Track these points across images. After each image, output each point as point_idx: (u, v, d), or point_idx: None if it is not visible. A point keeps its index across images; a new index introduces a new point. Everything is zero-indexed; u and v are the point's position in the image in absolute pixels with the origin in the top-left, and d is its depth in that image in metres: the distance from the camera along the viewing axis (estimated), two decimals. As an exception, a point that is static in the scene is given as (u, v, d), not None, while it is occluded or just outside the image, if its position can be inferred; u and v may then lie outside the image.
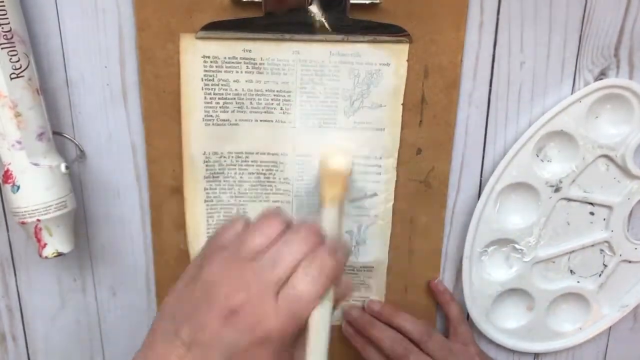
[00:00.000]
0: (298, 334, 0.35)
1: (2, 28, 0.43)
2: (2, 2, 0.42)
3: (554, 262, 0.56)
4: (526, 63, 0.50)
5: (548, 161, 0.52)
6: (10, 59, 0.44)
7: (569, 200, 0.53)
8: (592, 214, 0.54)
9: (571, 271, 0.56)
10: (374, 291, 0.56)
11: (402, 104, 0.50)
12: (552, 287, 0.56)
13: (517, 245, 0.54)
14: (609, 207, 0.54)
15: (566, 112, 0.50)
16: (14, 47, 0.44)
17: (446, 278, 0.57)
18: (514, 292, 0.56)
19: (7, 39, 0.43)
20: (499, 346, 0.59)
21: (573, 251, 0.55)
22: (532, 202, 0.53)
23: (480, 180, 0.54)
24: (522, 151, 0.51)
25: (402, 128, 0.51)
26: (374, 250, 0.55)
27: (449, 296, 0.56)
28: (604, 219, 0.54)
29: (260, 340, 0.33)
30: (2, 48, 0.43)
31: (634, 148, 0.51)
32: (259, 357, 0.33)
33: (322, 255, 0.35)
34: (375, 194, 0.53)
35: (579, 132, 0.50)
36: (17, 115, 0.44)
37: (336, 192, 0.44)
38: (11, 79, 0.44)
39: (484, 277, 0.55)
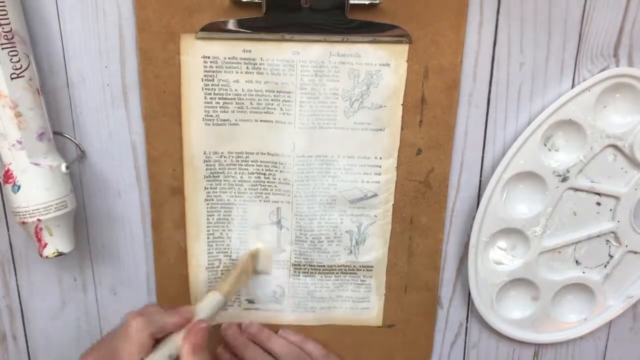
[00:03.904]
0: None
1: (3, 28, 0.43)
2: (3, 2, 0.43)
3: (559, 252, 0.56)
4: (525, 63, 0.50)
5: (556, 150, 0.52)
6: (11, 59, 0.44)
7: (576, 190, 0.53)
8: (598, 204, 0.54)
9: (577, 262, 0.56)
10: (374, 291, 0.57)
11: (402, 105, 0.50)
12: (557, 278, 0.56)
13: (523, 235, 0.54)
14: (616, 198, 0.54)
15: (574, 101, 0.50)
16: (15, 47, 0.44)
17: (445, 277, 0.57)
18: (519, 282, 0.56)
19: (7, 39, 0.43)
20: (500, 338, 0.59)
21: (579, 241, 0.55)
22: (539, 192, 0.53)
23: (480, 181, 0.54)
24: (529, 140, 0.51)
25: (402, 128, 0.51)
26: (373, 250, 0.55)
27: (299, 339, 0.57)
28: (611, 210, 0.54)
29: None
30: (2, 48, 0.43)
31: None
32: None
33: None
34: (375, 194, 0.53)
35: (587, 122, 0.50)
36: (18, 115, 0.44)
37: (237, 288, 0.53)
38: (12, 79, 0.44)
39: (490, 266, 0.55)
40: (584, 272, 0.57)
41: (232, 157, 0.51)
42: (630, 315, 0.60)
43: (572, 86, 0.51)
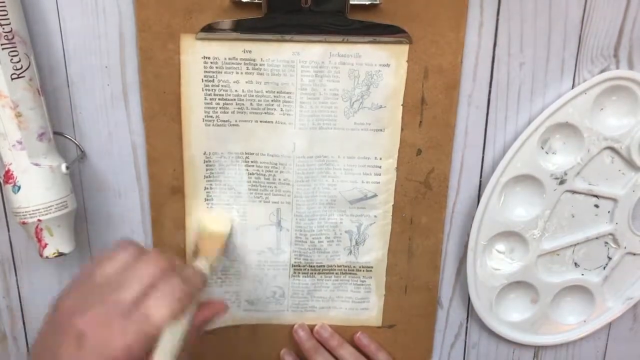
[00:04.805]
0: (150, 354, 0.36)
1: (3, 28, 0.43)
2: (3, 2, 0.43)
3: (558, 254, 0.56)
4: (526, 63, 0.50)
5: (553, 153, 0.52)
6: (11, 59, 0.44)
7: (574, 192, 0.53)
8: (596, 206, 0.54)
9: (575, 264, 0.56)
10: (374, 291, 0.57)
11: (402, 105, 0.50)
12: (556, 280, 0.56)
13: (521, 238, 0.54)
14: (614, 200, 0.53)
15: (571, 104, 0.50)
16: (15, 47, 0.44)
17: (445, 278, 0.57)
18: (518, 284, 0.56)
19: (8, 39, 0.43)
20: (500, 339, 0.59)
21: (577, 244, 0.55)
22: (536, 195, 0.53)
23: (480, 181, 0.54)
24: (527, 143, 0.51)
25: (402, 129, 0.51)
26: (373, 250, 0.55)
27: (374, 347, 0.57)
28: (609, 212, 0.54)
29: None
30: (3, 48, 0.43)
31: (639, 140, 0.51)
32: None
33: (171, 280, 0.38)
34: (375, 195, 0.53)
35: (584, 124, 0.50)
36: (18, 115, 0.44)
37: (209, 251, 0.50)
38: (12, 79, 0.44)
39: (488, 269, 0.55)
40: (582, 274, 0.57)
41: (232, 157, 0.51)
42: (630, 316, 0.60)
43: (573, 86, 0.51)
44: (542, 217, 0.53)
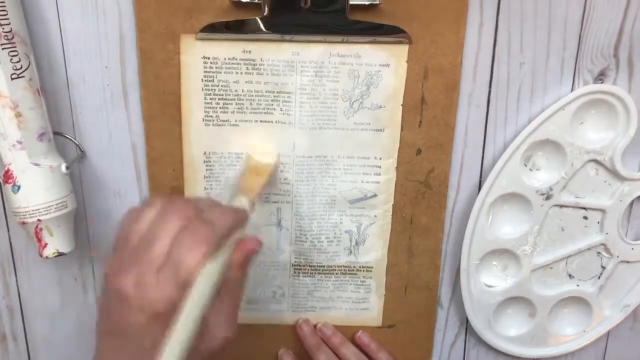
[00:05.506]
0: None
1: (3, 28, 0.43)
2: (3, 2, 0.43)
3: (551, 267, 0.56)
4: (526, 63, 0.50)
5: (537, 170, 0.52)
6: (11, 59, 0.44)
7: (562, 206, 0.53)
8: (585, 218, 0.54)
9: (570, 275, 0.56)
10: (374, 291, 0.57)
11: (402, 105, 0.50)
12: (552, 293, 0.56)
13: (513, 254, 0.54)
14: (602, 210, 0.54)
15: (550, 121, 0.50)
16: (15, 47, 0.44)
17: (445, 277, 0.57)
18: (515, 300, 0.56)
19: (7, 39, 0.43)
20: (499, 353, 0.59)
21: (570, 256, 0.55)
22: (524, 211, 0.53)
23: (480, 181, 0.54)
24: (510, 162, 0.51)
25: (402, 129, 0.51)
26: (373, 250, 0.55)
27: (375, 346, 0.57)
28: (598, 222, 0.54)
29: (154, 316, 0.35)
30: (2, 48, 0.43)
31: (622, 150, 0.51)
32: (158, 331, 0.35)
33: (197, 225, 0.37)
34: (375, 195, 0.53)
35: (565, 139, 0.50)
36: (18, 115, 0.45)
37: (252, 184, 0.47)
38: (12, 79, 0.44)
39: (483, 287, 0.55)
40: (578, 285, 0.57)
41: (232, 157, 0.51)
42: (630, 316, 0.60)
43: (572, 86, 0.51)
44: (531, 233, 0.53)
